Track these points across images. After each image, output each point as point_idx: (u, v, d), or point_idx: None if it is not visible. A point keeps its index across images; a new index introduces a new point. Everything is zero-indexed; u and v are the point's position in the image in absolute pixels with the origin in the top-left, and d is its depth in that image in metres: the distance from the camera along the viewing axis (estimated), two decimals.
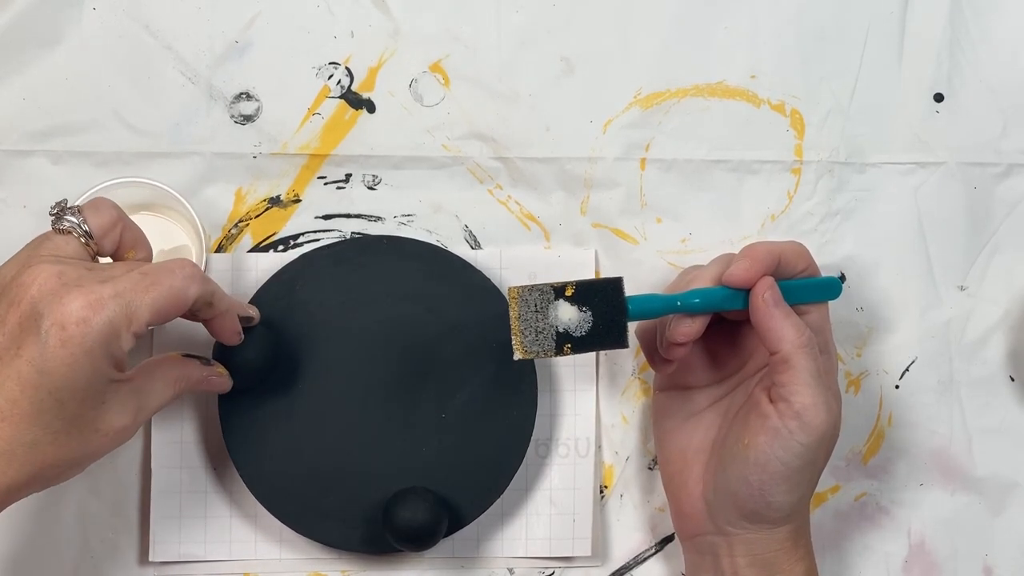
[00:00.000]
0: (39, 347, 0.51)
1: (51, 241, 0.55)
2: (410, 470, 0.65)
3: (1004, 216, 0.72)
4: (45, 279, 0.52)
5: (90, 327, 0.51)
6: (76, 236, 0.55)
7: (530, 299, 0.59)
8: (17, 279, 0.52)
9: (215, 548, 0.67)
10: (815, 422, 0.57)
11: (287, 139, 0.69)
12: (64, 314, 0.51)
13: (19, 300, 0.52)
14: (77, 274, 0.53)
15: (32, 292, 0.51)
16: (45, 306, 0.51)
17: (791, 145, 0.71)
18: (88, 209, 0.56)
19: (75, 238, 0.55)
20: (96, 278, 0.53)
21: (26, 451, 0.51)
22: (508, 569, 0.68)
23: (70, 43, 0.68)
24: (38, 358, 0.51)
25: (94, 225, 0.56)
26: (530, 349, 0.59)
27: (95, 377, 0.52)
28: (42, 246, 0.55)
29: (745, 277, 0.59)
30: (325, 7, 0.70)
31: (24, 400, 0.51)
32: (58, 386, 0.51)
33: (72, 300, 0.51)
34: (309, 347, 0.66)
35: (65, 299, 0.51)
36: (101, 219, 0.56)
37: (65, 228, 0.55)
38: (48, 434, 0.52)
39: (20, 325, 0.51)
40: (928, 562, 0.70)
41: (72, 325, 0.51)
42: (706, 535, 0.62)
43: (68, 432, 0.52)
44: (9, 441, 0.51)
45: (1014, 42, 0.72)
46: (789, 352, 0.58)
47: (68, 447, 0.53)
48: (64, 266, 0.53)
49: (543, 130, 0.70)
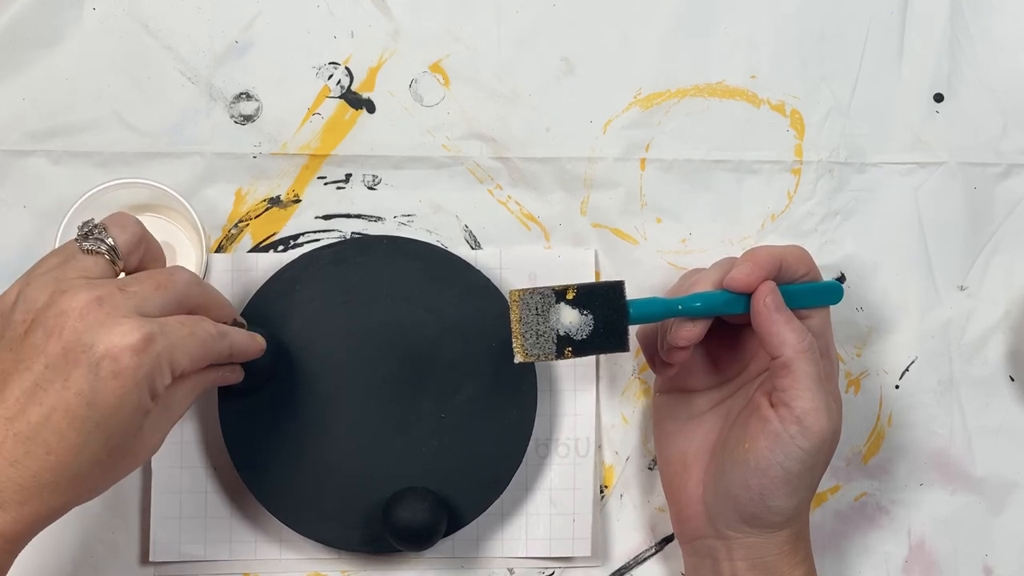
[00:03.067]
0: (89, 379, 0.50)
1: (78, 261, 0.54)
2: (410, 470, 0.65)
3: (1004, 216, 0.72)
4: (86, 307, 0.51)
5: (142, 359, 0.50)
6: (104, 255, 0.54)
7: (531, 302, 0.59)
8: (53, 306, 0.51)
9: (215, 548, 0.67)
10: (816, 427, 0.57)
11: (287, 139, 0.69)
12: (115, 345, 0.50)
13: (59, 329, 0.50)
14: (117, 301, 0.51)
15: (74, 321, 0.50)
16: (92, 336, 0.50)
17: (791, 145, 0.71)
18: (114, 227, 0.55)
19: (103, 257, 0.54)
20: (135, 306, 0.52)
21: (68, 481, 0.51)
22: (508, 569, 0.68)
23: (70, 43, 0.68)
24: (88, 390, 0.50)
25: (121, 243, 0.55)
26: (531, 352, 0.59)
27: (139, 408, 0.52)
28: (68, 267, 0.53)
29: (746, 281, 0.59)
30: (325, 7, 0.70)
31: (71, 433, 0.50)
32: (106, 417, 0.50)
33: (123, 331, 0.50)
34: (309, 347, 0.66)
35: (116, 329, 0.50)
36: (128, 237, 0.55)
37: (94, 248, 0.54)
38: (91, 464, 0.51)
39: (64, 356, 0.50)
40: (928, 562, 0.70)
41: (125, 357, 0.50)
42: (705, 538, 0.62)
43: (109, 459, 0.52)
44: (54, 473, 0.50)
45: (1014, 42, 0.72)
46: (790, 357, 0.58)
47: (107, 474, 0.53)
48: (101, 291, 0.51)
49: (543, 130, 0.70)
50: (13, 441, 0.50)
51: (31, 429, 0.50)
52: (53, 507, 0.51)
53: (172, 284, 0.54)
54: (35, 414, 0.50)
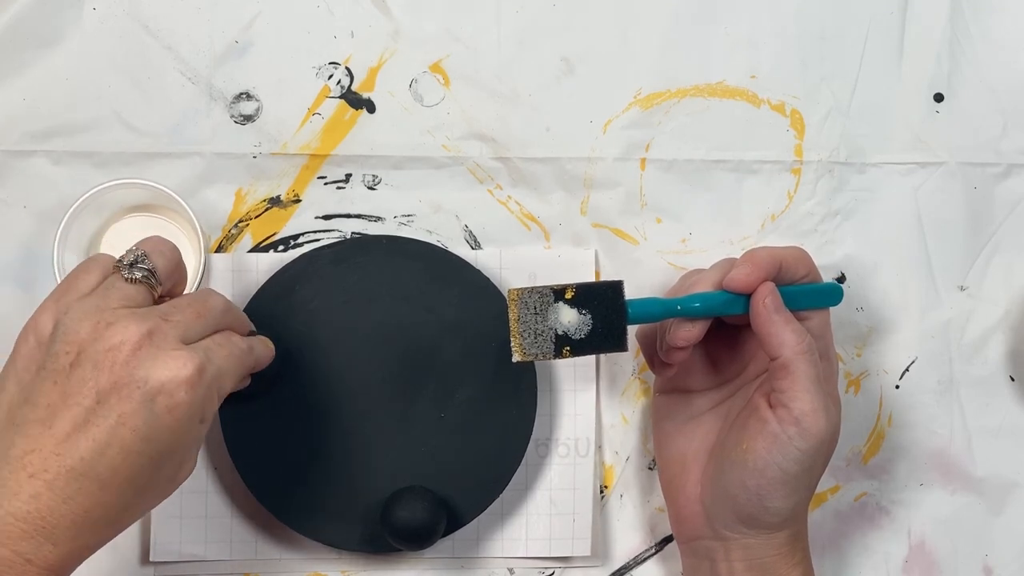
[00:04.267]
0: (145, 415, 0.49)
1: (119, 290, 0.53)
2: (409, 470, 0.65)
3: (1004, 216, 0.72)
4: (137, 340, 0.50)
5: (197, 394, 0.51)
6: (145, 284, 0.54)
7: (530, 301, 0.59)
8: (100, 340, 0.50)
9: (215, 548, 0.67)
10: (814, 428, 0.57)
11: (287, 139, 0.69)
12: (171, 380, 0.50)
13: (110, 363, 0.50)
14: (166, 333, 0.51)
15: (125, 355, 0.50)
16: (146, 371, 0.50)
17: (791, 145, 0.71)
18: (154, 253, 0.55)
19: (144, 285, 0.54)
20: (180, 336, 0.52)
21: (119, 514, 0.51)
22: (508, 569, 0.68)
23: (70, 43, 0.68)
24: (143, 426, 0.49)
25: (161, 269, 0.54)
26: (529, 351, 0.59)
27: (192, 439, 0.52)
28: (110, 296, 0.52)
29: (746, 282, 0.59)
30: (325, 7, 0.70)
31: (125, 468, 0.50)
32: (160, 452, 0.50)
33: (177, 365, 0.50)
34: (309, 347, 0.66)
35: (169, 364, 0.50)
36: (166, 263, 0.55)
37: (138, 278, 0.53)
38: (139, 496, 0.51)
39: (117, 391, 0.49)
40: (928, 562, 0.70)
41: (180, 391, 0.50)
42: (703, 539, 0.62)
43: (155, 488, 0.52)
44: (106, 508, 0.50)
45: (1014, 42, 0.72)
46: (789, 358, 0.58)
47: (151, 502, 0.53)
48: (149, 324, 0.51)
49: (543, 130, 0.70)
50: (66, 478, 0.49)
51: (84, 465, 0.49)
52: (102, 539, 0.51)
53: (210, 312, 0.55)
54: (87, 450, 0.49)
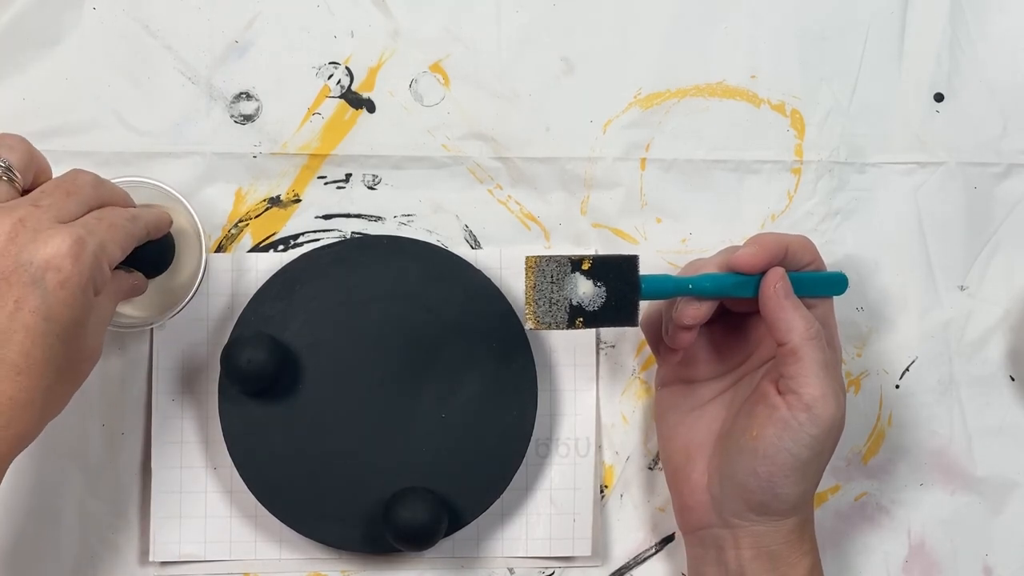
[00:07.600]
0: (40, 293, 0.52)
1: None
2: (410, 470, 0.65)
3: (1004, 216, 0.72)
4: (11, 230, 0.52)
5: (82, 262, 0.53)
6: (2, 178, 0.55)
7: (547, 269, 0.59)
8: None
9: (215, 548, 0.67)
10: (824, 414, 0.57)
11: (287, 139, 0.69)
12: (53, 256, 0.52)
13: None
14: (36, 215, 0.53)
15: (4, 245, 0.52)
16: (28, 254, 0.52)
17: (791, 145, 0.71)
18: (3, 148, 0.56)
19: (4, 182, 0.55)
20: (54, 217, 0.54)
21: (43, 396, 0.53)
22: (508, 569, 0.68)
23: (70, 43, 0.68)
24: (41, 305, 0.52)
25: (16, 162, 0.56)
26: (543, 320, 0.59)
27: (87, 308, 0.54)
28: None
29: (752, 262, 0.59)
30: (325, 7, 0.70)
31: (36, 349, 0.52)
32: (63, 327, 0.53)
33: (56, 242, 0.52)
34: (309, 347, 0.66)
35: (49, 242, 0.52)
36: (20, 155, 0.57)
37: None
38: (57, 374, 0.53)
39: (5, 280, 0.52)
40: (928, 562, 0.70)
41: (66, 264, 0.52)
42: (710, 528, 0.62)
43: (70, 368, 0.54)
44: (29, 391, 0.52)
45: (1014, 42, 0.72)
46: (798, 344, 0.58)
47: (70, 381, 0.55)
48: (19, 212, 0.53)
49: (543, 130, 0.70)
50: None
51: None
52: (32, 424, 0.53)
53: (79, 188, 0.57)
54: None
